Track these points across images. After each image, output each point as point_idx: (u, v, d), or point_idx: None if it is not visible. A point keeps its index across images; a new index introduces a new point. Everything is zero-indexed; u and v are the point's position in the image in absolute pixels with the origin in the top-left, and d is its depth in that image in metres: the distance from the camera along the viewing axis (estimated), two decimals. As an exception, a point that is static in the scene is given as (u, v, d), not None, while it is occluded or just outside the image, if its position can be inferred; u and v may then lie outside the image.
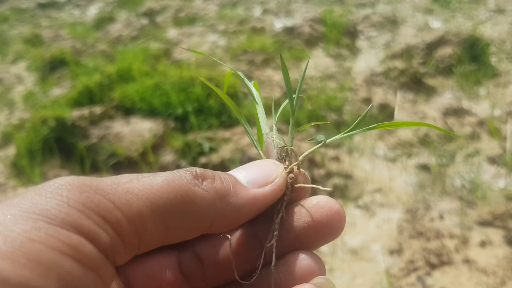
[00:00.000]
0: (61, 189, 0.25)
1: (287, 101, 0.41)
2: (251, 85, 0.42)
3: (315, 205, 0.34)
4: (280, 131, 0.40)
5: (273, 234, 0.33)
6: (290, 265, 0.32)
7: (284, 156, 0.36)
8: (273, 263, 0.32)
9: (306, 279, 0.31)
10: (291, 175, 0.35)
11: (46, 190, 0.25)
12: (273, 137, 0.37)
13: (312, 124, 0.40)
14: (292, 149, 0.37)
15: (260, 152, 0.38)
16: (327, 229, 0.33)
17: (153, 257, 0.34)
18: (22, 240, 0.22)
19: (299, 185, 0.35)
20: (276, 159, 0.36)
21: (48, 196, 0.24)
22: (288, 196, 0.34)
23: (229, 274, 0.34)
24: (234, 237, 0.35)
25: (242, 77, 0.41)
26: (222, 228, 0.32)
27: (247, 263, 0.34)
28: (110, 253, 0.25)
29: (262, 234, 0.34)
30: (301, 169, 0.36)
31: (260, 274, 0.33)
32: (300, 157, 0.36)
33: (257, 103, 0.40)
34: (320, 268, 0.32)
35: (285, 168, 0.35)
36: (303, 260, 0.32)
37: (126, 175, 0.28)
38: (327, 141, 0.36)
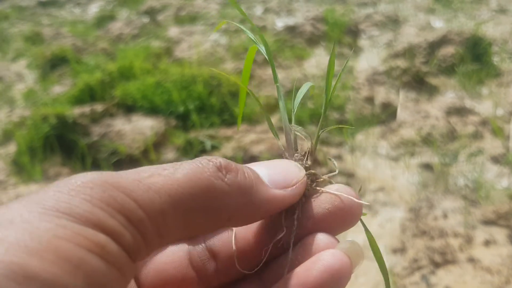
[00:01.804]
0: (84, 187, 0.24)
1: (303, 88, 0.39)
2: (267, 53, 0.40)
3: (335, 192, 0.33)
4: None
5: (291, 231, 0.32)
6: (307, 244, 0.32)
7: (307, 154, 0.36)
8: (287, 270, 0.31)
9: None
10: (312, 177, 0.34)
11: (69, 188, 0.24)
12: (297, 131, 0.36)
13: (338, 126, 0.39)
14: (314, 147, 0.36)
15: (280, 144, 0.37)
16: (347, 216, 0.32)
17: (162, 252, 0.33)
18: (49, 237, 0.21)
19: (321, 189, 0.34)
20: (295, 155, 0.36)
21: (71, 194, 0.24)
22: (305, 198, 0.34)
23: (242, 268, 0.33)
24: (246, 230, 0.34)
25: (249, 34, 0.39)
26: (237, 224, 0.31)
27: (258, 256, 0.33)
28: (132, 252, 0.25)
29: (274, 227, 0.33)
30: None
31: (277, 262, 0.32)
32: (324, 176, 0.35)
33: (278, 89, 0.39)
34: None
35: (306, 168, 0.34)
36: (320, 239, 0.32)
37: (147, 169, 0.27)
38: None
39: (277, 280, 0.31)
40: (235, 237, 0.34)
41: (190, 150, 2.21)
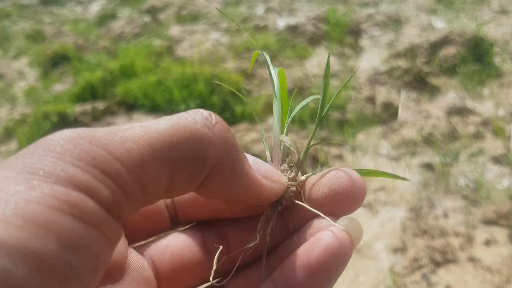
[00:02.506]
0: (53, 145, 0.23)
1: (304, 102, 0.39)
2: (274, 72, 0.40)
3: (333, 175, 0.32)
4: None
5: (265, 242, 0.32)
6: (310, 227, 0.32)
7: (292, 166, 0.35)
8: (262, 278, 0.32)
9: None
10: (292, 188, 0.34)
11: (38, 148, 0.23)
12: (286, 142, 0.36)
13: (340, 142, 0.39)
14: (301, 161, 0.35)
15: (267, 152, 0.37)
16: (347, 199, 0.32)
17: (177, 237, 0.34)
18: (16, 201, 0.20)
19: (297, 202, 0.33)
20: (282, 165, 0.36)
21: (40, 154, 0.22)
22: (280, 208, 0.33)
23: (253, 253, 0.33)
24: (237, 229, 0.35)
25: (268, 62, 0.40)
26: (215, 187, 0.29)
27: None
28: (113, 208, 0.23)
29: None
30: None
31: (283, 245, 0.33)
32: (303, 177, 0.35)
33: (275, 96, 0.39)
34: None
35: (289, 179, 0.34)
36: (322, 222, 0.31)
37: (128, 123, 0.26)
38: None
39: (282, 262, 0.31)
40: (245, 224, 0.34)
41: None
